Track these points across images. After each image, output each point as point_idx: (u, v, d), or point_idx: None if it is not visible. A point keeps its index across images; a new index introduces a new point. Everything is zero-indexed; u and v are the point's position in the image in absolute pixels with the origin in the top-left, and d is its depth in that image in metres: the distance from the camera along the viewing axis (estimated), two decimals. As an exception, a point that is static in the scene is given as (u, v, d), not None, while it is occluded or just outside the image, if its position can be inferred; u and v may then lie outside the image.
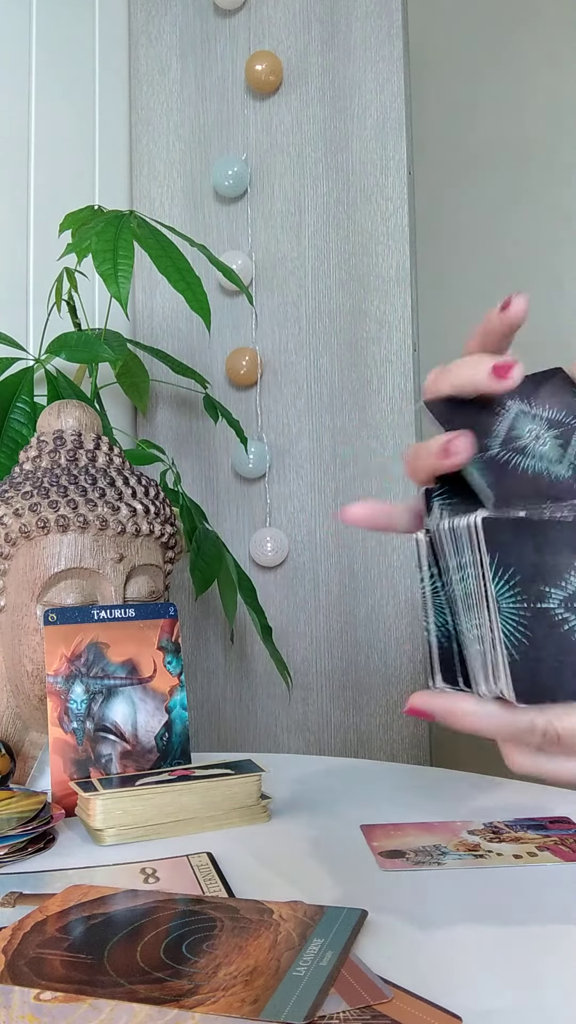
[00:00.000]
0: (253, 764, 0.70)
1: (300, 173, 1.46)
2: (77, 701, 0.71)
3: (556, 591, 0.40)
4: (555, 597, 0.40)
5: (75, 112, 1.44)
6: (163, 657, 0.75)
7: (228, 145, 1.50)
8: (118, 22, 1.55)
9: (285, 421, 1.45)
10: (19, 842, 0.60)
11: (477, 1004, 0.39)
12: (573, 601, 0.40)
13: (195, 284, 1.04)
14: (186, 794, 0.66)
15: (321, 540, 1.42)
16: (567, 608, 0.40)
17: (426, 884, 0.53)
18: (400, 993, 0.39)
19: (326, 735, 1.41)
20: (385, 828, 0.64)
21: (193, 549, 1.19)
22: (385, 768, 0.83)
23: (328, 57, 1.45)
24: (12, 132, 1.30)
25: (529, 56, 1.66)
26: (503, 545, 0.40)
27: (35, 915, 0.48)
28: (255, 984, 0.39)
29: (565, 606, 0.40)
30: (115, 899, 0.50)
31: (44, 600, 0.75)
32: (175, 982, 0.40)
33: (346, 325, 1.43)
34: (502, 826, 0.64)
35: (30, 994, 0.39)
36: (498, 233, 1.68)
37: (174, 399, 1.50)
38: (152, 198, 1.54)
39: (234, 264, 1.42)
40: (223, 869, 0.57)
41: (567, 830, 0.62)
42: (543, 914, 0.49)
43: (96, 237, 0.99)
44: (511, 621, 0.40)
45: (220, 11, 1.51)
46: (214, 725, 1.46)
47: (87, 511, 0.75)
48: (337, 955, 0.42)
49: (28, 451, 0.82)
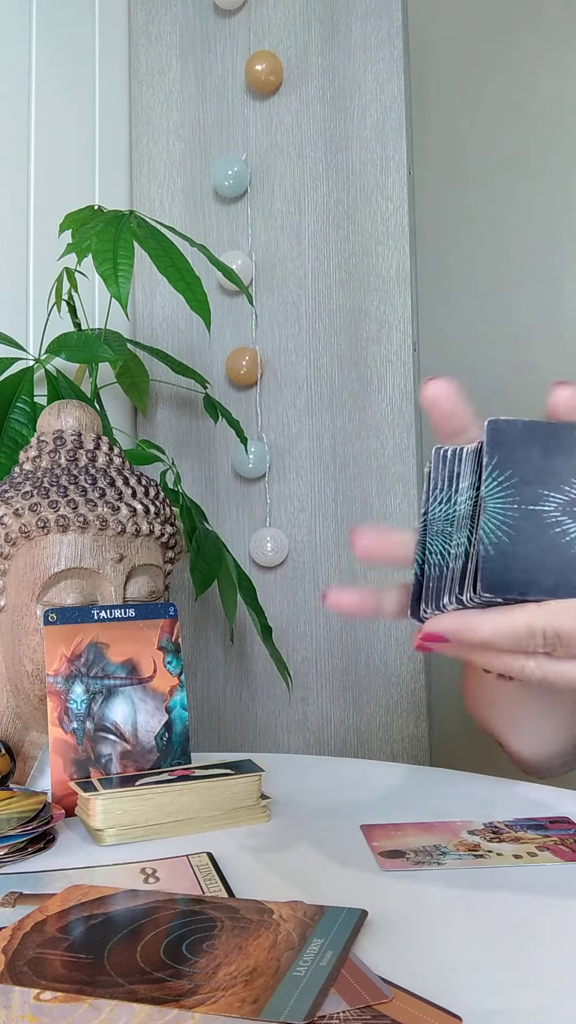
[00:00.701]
0: (253, 764, 0.70)
1: (300, 173, 1.46)
2: (77, 701, 0.71)
3: (555, 495, 0.41)
4: (553, 500, 0.41)
5: (75, 112, 1.44)
6: (163, 657, 0.75)
7: (228, 145, 1.50)
8: (118, 22, 1.55)
9: (285, 421, 1.45)
10: (19, 842, 0.60)
11: (477, 1004, 0.39)
12: (573, 506, 0.40)
13: (195, 284, 1.04)
14: (186, 794, 0.66)
15: (321, 540, 1.42)
16: (564, 512, 0.40)
17: (426, 884, 0.53)
18: (400, 993, 0.39)
19: (326, 735, 1.41)
20: (385, 828, 0.64)
21: (193, 549, 1.19)
22: (385, 768, 0.83)
23: (328, 57, 1.45)
24: (12, 132, 1.30)
25: (529, 56, 1.66)
26: (506, 447, 0.41)
27: (35, 915, 0.48)
28: (255, 984, 0.39)
29: (563, 510, 0.41)
30: (115, 899, 0.50)
31: (44, 600, 0.75)
32: (175, 982, 0.40)
33: (346, 325, 1.43)
34: (502, 826, 0.64)
35: (30, 994, 0.39)
36: (498, 233, 1.68)
37: (174, 399, 1.50)
38: (152, 198, 1.54)
39: (234, 264, 1.42)
40: (223, 869, 0.57)
41: (567, 830, 0.62)
42: (543, 914, 0.49)
43: (96, 237, 0.99)
44: (495, 519, 0.41)
45: (220, 11, 1.51)
46: (214, 725, 1.46)
47: (87, 511, 0.75)
48: (337, 955, 0.42)
49: (28, 451, 0.82)
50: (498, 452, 0.41)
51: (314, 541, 1.42)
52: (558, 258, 1.63)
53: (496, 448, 0.41)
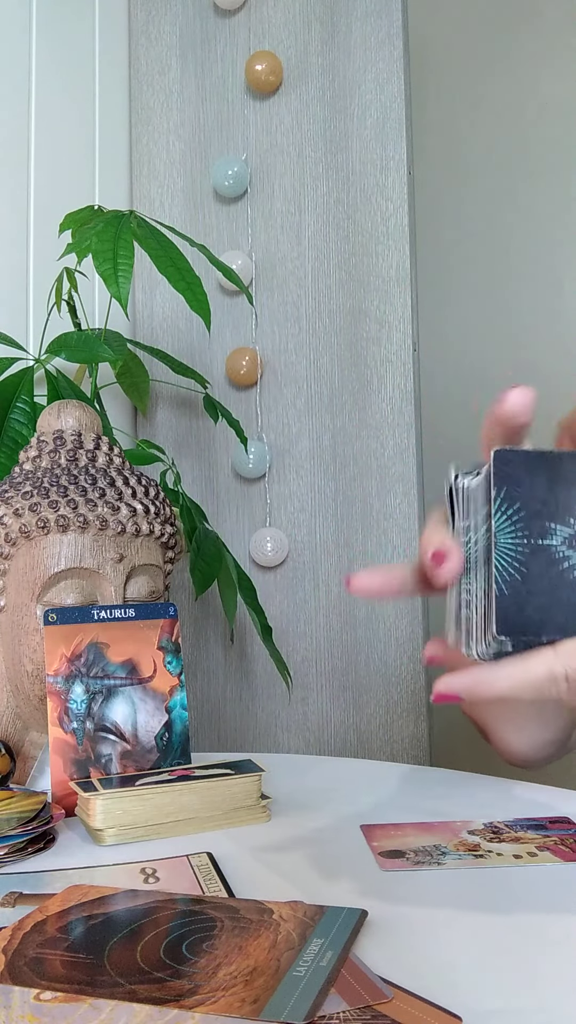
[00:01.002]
0: (253, 764, 0.70)
1: (300, 173, 1.46)
2: (77, 701, 0.71)
3: (562, 527, 0.40)
4: (560, 534, 0.40)
5: (75, 112, 1.44)
6: (163, 657, 0.75)
7: (228, 145, 1.50)
8: (118, 22, 1.55)
9: (285, 421, 1.45)
10: (19, 842, 0.60)
11: (477, 1004, 0.39)
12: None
13: (195, 284, 1.04)
14: (186, 794, 0.66)
15: (321, 540, 1.42)
16: (570, 546, 0.40)
17: (426, 884, 0.53)
18: (400, 993, 0.39)
19: (326, 735, 1.41)
20: (385, 828, 0.64)
21: (193, 549, 1.19)
22: (385, 768, 0.83)
23: (328, 57, 1.45)
24: (12, 132, 1.30)
25: (529, 56, 1.66)
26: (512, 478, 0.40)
27: (35, 915, 0.48)
28: (255, 984, 0.39)
29: (568, 544, 0.40)
30: (115, 899, 0.50)
31: (44, 600, 0.75)
32: (175, 982, 0.40)
33: (346, 325, 1.43)
34: (502, 826, 0.64)
35: (30, 994, 0.39)
36: (498, 233, 1.68)
37: (174, 399, 1.50)
38: (152, 198, 1.54)
39: (234, 264, 1.42)
40: (223, 869, 0.57)
41: (567, 830, 0.62)
42: (543, 914, 0.49)
43: (96, 237, 0.99)
44: (506, 556, 0.40)
45: (220, 11, 1.51)
46: (214, 725, 1.46)
47: (87, 511, 0.75)
48: (337, 955, 0.42)
49: (28, 451, 0.82)
50: (505, 484, 0.40)
51: (314, 541, 1.42)
52: (558, 258, 1.63)
53: (503, 480, 0.40)
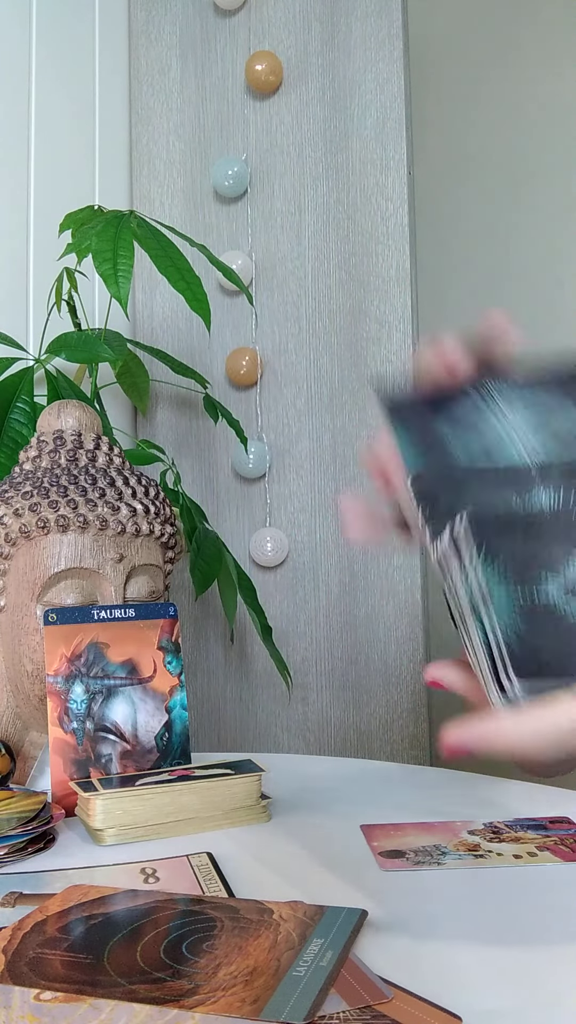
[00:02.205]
0: (253, 764, 0.70)
1: (300, 173, 1.46)
2: (77, 701, 0.71)
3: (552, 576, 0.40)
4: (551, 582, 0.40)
5: (75, 112, 1.44)
6: (163, 657, 0.75)
7: (228, 145, 1.50)
8: (118, 22, 1.55)
9: (285, 421, 1.45)
10: (19, 842, 0.60)
11: (477, 1004, 0.39)
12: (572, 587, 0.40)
13: (195, 284, 1.04)
14: (186, 794, 0.66)
15: (321, 540, 1.42)
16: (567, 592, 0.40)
17: (426, 884, 0.53)
18: (400, 993, 0.39)
19: (326, 735, 1.40)
20: (385, 828, 0.64)
21: (193, 549, 1.19)
22: (385, 768, 0.83)
23: (328, 57, 1.45)
24: (12, 132, 1.30)
25: (529, 56, 1.66)
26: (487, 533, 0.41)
27: (35, 915, 0.48)
28: (255, 984, 0.39)
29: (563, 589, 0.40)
30: (115, 899, 0.50)
31: (44, 600, 0.75)
32: (175, 982, 0.40)
33: (346, 325, 1.43)
34: (502, 826, 0.64)
35: (30, 994, 0.39)
36: (498, 233, 1.68)
37: (174, 399, 1.50)
38: (152, 198, 1.54)
39: (234, 264, 1.42)
40: (223, 869, 0.57)
41: (567, 830, 0.62)
42: (543, 914, 0.49)
43: (96, 237, 0.99)
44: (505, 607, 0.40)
45: (220, 11, 1.51)
46: (214, 725, 1.46)
47: (87, 511, 0.75)
48: (337, 955, 0.42)
49: (28, 451, 0.82)
50: (483, 539, 0.41)
51: (314, 541, 1.42)
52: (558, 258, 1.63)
53: (480, 536, 0.41)
